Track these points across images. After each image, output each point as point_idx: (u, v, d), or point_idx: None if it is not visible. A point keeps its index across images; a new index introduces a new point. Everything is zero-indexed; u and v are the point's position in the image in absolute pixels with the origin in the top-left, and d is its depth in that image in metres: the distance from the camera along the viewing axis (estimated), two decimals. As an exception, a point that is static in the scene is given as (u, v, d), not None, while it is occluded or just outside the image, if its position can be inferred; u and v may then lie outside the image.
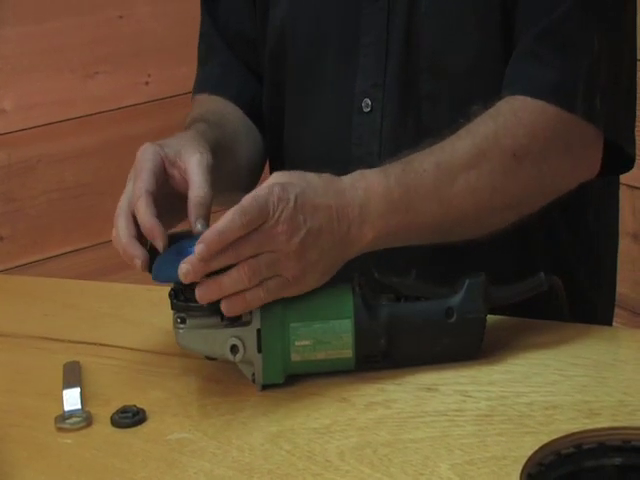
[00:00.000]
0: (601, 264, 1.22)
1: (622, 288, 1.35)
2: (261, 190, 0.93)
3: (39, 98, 2.05)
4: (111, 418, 0.94)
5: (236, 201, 0.92)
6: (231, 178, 1.14)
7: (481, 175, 1.00)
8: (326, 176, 0.97)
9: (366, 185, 0.97)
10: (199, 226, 0.95)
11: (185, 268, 0.91)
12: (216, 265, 0.91)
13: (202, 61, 1.27)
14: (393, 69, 1.11)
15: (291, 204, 0.93)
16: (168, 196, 0.98)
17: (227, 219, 0.90)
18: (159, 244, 0.94)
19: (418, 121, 1.11)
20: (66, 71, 2.08)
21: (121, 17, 2.13)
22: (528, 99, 1.02)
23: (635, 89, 1.12)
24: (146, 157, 0.98)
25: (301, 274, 0.94)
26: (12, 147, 2.03)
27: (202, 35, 1.27)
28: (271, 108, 1.22)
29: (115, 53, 2.13)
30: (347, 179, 0.97)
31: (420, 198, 0.98)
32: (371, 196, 0.96)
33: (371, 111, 1.12)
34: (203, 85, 1.25)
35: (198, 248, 0.90)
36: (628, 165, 1.10)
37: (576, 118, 1.02)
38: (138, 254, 0.94)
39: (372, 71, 1.12)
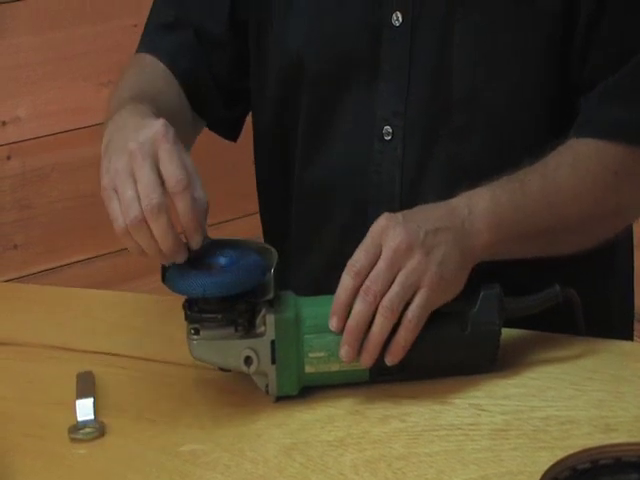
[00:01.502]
0: (617, 275, 1.21)
1: (637, 301, 1.33)
2: (366, 235, 0.96)
3: (53, 106, 2.05)
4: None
5: None
6: None
7: (584, 187, 1.04)
8: (427, 204, 1.00)
9: (470, 193, 1.00)
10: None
11: (345, 351, 0.94)
12: (363, 323, 0.94)
13: (166, 26, 1.19)
14: (417, 98, 1.09)
15: (400, 220, 0.95)
16: None
17: (342, 284, 0.94)
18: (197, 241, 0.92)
19: (447, 152, 1.09)
20: (80, 79, 2.08)
21: (135, 26, 2.13)
22: (618, 145, 1.05)
23: None
24: (175, 141, 0.92)
25: (438, 274, 0.95)
26: (26, 155, 2.03)
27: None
28: (275, 130, 1.19)
29: (129, 61, 2.13)
30: (451, 199, 1.00)
31: (527, 200, 1.02)
32: (478, 200, 1.00)
33: (392, 139, 1.10)
34: (155, 47, 1.18)
35: (333, 322, 0.94)
36: None
37: None
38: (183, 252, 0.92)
39: (393, 98, 1.10)
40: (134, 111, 1.00)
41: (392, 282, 0.94)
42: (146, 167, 0.91)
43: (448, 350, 0.98)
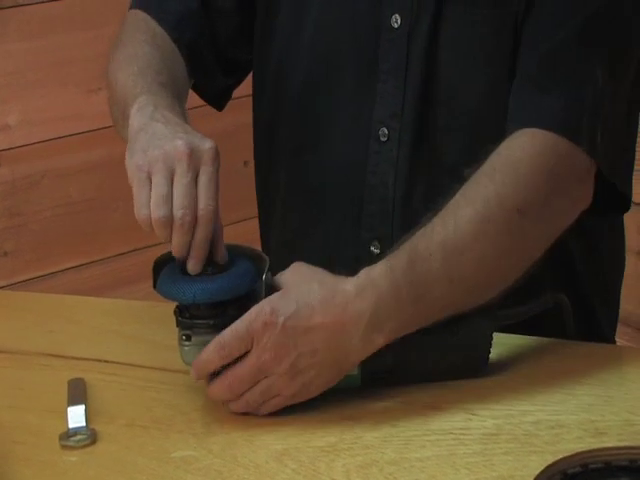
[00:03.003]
0: (608, 282, 1.21)
1: (627, 305, 1.34)
2: (246, 316, 0.93)
3: (43, 113, 2.05)
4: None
5: None
6: None
7: (487, 241, 0.97)
8: (330, 285, 0.95)
9: (373, 292, 0.94)
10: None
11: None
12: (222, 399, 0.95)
13: None
14: (411, 99, 1.09)
15: (278, 329, 0.92)
16: None
17: (207, 351, 0.93)
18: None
19: (433, 153, 1.10)
20: (70, 86, 2.08)
21: (126, 32, 2.14)
22: (534, 131, 1.01)
23: (635, 134, 1.11)
24: (218, 169, 0.95)
25: (300, 390, 0.94)
26: (16, 162, 2.03)
27: None
28: (267, 125, 1.20)
29: (119, 68, 2.12)
30: (352, 287, 0.94)
31: (429, 286, 0.96)
32: (381, 304, 0.94)
33: (388, 140, 1.10)
34: (160, 14, 1.17)
35: (192, 375, 0.96)
36: (624, 205, 1.09)
37: (578, 151, 1.01)
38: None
39: (390, 99, 1.10)
40: (170, 107, 1.01)
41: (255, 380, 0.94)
42: (189, 177, 0.93)
43: (439, 354, 0.99)
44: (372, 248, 1.12)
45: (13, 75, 2.02)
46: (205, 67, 1.20)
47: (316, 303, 0.93)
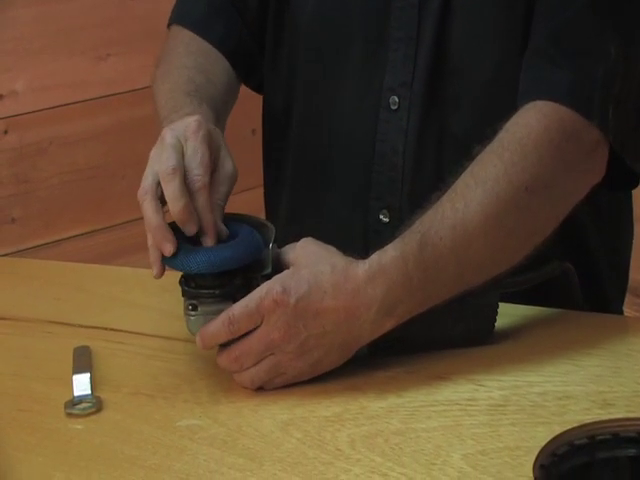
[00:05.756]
0: (616, 253, 1.20)
1: (637, 275, 1.33)
2: (256, 292, 0.92)
3: (51, 80, 2.04)
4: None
5: None
6: None
7: (496, 221, 0.96)
8: (341, 269, 0.93)
9: (384, 279, 0.93)
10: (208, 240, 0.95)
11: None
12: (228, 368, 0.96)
13: None
14: (421, 68, 1.09)
15: (290, 309, 0.92)
16: None
17: (216, 324, 0.93)
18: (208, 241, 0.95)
19: (442, 123, 1.09)
20: (78, 53, 2.07)
21: (133, -1, 2.13)
22: (542, 104, 0.99)
23: None
24: (203, 140, 0.96)
25: (307, 370, 0.94)
26: (24, 129, 2.02)
27: None
28: (281, 94, 1.19)
29: (127, 35, 2.12)
30: (363, 273, 0.93)
31: (439, 270, 0.95)
32: (391, 290, 0.93)
33: (398, 109, 1.10)
34: (185, 19, 1.20)
35: (197, 342, 0.95)
36: (633, 181, 1.08)
37: (587, 124, 0.99)
38: (170, 239, 0.93)
39: (401, 68, 1.09)
40: (188, 113, 1.03)
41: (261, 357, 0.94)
42: (172, 142, 0.95)
43: (445, 323, 0.98)
44: (381, 217, 1.11)
45: (20, 42, 2.01)
46: (244, 55, 1.20)
47: (328, 286, 0.93)
